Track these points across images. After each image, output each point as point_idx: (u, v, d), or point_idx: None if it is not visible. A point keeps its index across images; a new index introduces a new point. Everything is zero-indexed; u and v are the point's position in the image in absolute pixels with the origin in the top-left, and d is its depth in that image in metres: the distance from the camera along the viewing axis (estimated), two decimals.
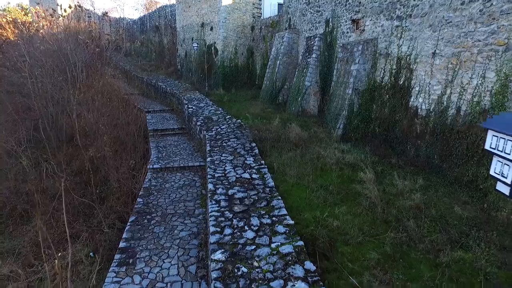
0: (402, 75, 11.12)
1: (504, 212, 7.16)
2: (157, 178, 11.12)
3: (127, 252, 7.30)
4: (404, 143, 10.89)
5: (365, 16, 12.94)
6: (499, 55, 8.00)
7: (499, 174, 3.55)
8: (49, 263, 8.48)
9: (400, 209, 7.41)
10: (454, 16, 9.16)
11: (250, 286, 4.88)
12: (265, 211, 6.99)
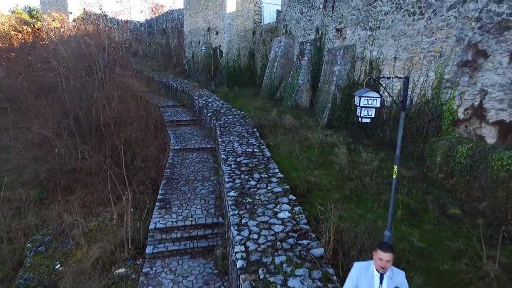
0: (373, 74, 13.94)
1: (435, 172, 9.97)
2: (178, 156, 13.95)
3: (164, 201, 10.14)
4: (374, 128, 13.71)
5: (346, 26, 15.78)
6: (437, 60, 10.84)
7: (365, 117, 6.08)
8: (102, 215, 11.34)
9: (361, 171, 10.25)
10: (408, 29, 12.00)
11: (253, 207, 7.71)
12: (263, 170, 9.84)
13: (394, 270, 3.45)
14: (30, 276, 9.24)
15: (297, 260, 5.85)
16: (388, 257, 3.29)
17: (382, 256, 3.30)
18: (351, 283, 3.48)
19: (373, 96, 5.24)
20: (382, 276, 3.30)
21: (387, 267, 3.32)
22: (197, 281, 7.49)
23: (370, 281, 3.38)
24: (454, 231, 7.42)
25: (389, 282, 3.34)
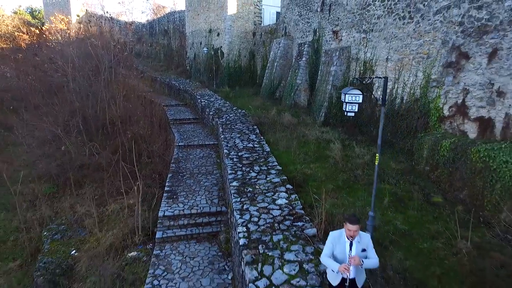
0: (366, 75, 14.74)
1: (422, 165, 10.77)
2: (182, 152, 14.75)
3: (171, 192, 10.94)
4: (368, 125, 14.51)
5: (342, 28, 16.58)
6: (424, 61, 11.63)
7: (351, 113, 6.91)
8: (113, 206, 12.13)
9: (353, 164, 11.04)
10: (399, 32, 12.80)
11: (253, 195, 8.51)
12: (263, 163, 10.64)
13: (361, 234, 4.23)
14: (48, 260, 10.05)
15: (293, 238, 6.66)
16: (355, 228, 4.07)
17: (350, 227, 4.07)
18: (328, 249, 4.27)
19: (355, 93, 6.04)
20: (352, 242, 4.08)
21: (355, 236, 4.10)
22: (203, 261, 8.29)
23: (343, 247, 4.16)
24: (435, 216, 8.22)
25: (357, 245, 4.12)
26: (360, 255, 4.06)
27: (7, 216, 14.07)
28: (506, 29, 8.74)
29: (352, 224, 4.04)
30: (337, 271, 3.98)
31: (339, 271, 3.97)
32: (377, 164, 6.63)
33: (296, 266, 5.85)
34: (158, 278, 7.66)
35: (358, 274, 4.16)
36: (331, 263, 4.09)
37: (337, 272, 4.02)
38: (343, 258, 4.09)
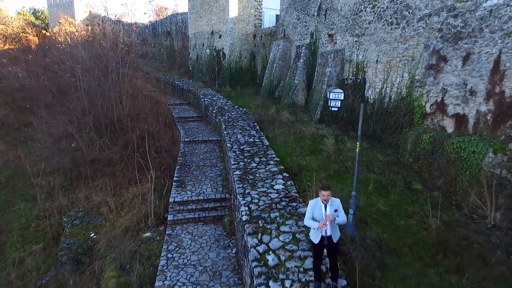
0: (359, 75, 15.90)
1: (406, 157, 11.93)
2: (188, 147, 15.92)
3: (179, 182, 12.11)
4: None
5: (337, 32, 17.75)
6: (409, 63, 12.80)
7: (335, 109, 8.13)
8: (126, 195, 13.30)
9: (344, 156, 12.21)
10: (387, 37, 13.96)
11: (254, 182, 9.68)
12: (262, 155, 11.82)
13: (333, 199, 5.38)
14: (70, 241, 11.23)
15: (287, 215, 7.83)
16: (327, 193, 5.23)
17: (323, 193, 5.24)
18: (309, 213, 5.42)
19: (338, 92, 7.25)
20: (326, 205, 5.25)
21: (328, 200, 5.26)
22: (210, 239, 9.46)
23: (319, 210, 5.31)
24: (413, 200, 9.38)
25: (330, 207, 5.27)
26: (333, 214, 5.22)
27: (27, 205, 15.25)
28: (477, 36, 9.90)
29: (325, 190, 5.22)
30: (317, 227, 5.14)
31: (318, 228, 5.13)
32: (358, 151, 7.82)
33: (290, 235, 7.03)
34: (171, 252, 8.84)
35: (333, 231, 5.32)
36: (312, 223, 5.26)
37: (317, 228, 5.18)
38: (321, 219, 5.25)
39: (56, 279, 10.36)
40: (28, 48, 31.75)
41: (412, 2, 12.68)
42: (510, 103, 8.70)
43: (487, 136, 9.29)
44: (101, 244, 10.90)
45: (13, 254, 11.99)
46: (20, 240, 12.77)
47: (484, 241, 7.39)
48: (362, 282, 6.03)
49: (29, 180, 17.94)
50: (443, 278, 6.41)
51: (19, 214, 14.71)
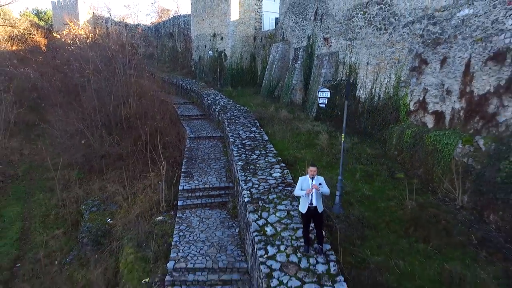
0: (351, 76, 17.19)
1: (392, 150, 13.20)
2: (193, 143, 17.20)
3: (187, 172, 13.40)
4: (353, 119, 16.92)
5: (331, 36, 19.03)
6: (396, 65, 14.08)
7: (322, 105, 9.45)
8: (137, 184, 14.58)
9: (337, 150, 13.46)
10: (376, 41, 15.25)
11: (255, 171, 10.97)
12: (262, 149, 13.11)
13: (318, 177, 6.67)
14: (90, 225, 12.52)
15: (283, 197, 9.13)
16: (314, 169, 6.53)
17: (311, 169, 6.53)
18: (298, 186, 6.69)
19: (325, 91, 8.52)
20: (312, 179, 6.55)
21: (314, 175, 6.55)
22: (216, 221, 10.75)
23: (307, 183, 6.59)
24: (394, 186, 10.67)
25: (316, 181, 6.55)
26: (320, 186, 6.53)
27: (46, 196, 16.54)
28: (452, 42, 11.19)
29: (312, 166, 6.52)
30: (305, 194, 6.44)
31: (306, 194, 6.43)
32: (343, 141, 9.12)
33: (285, 212, 8.32)
34: (183, 231, 10.12)
35: (318, 202, 6.60)
36: (301, 192, 6.56)
37: (305, 195, 6.48)
38: (309, 188, 6.54)
39: (79, 257, 11.64)
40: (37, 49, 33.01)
41: (398, 10, 13.97)
42: (477, 101, 9.97)
43: (460, 130, 10.57)
44: (118, 228, 12.18)
45: (38, 238, 13.28)
46: (42, 226, 14.05)
47: (450, 218, 8.68)
48: (344, 248, 7.32)
49: (45, 173, 19.31)
50: (412, 246, 7.69)
51: (39, 203, 16.00)
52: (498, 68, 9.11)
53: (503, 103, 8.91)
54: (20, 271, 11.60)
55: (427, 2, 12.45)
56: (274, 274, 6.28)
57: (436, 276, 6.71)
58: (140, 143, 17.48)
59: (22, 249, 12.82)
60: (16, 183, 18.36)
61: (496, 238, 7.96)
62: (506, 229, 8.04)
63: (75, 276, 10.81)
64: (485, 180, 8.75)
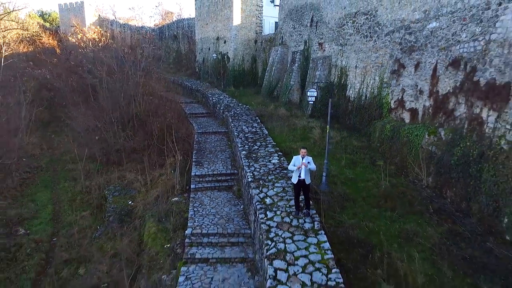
0: (342, 78, 19.22)
1: (375, 143, 15.22)
2: (201, 137, 19.21)
3: (197, 161, 15.43)
4: (343, 116, 18.96)
5: (325, 41, 21.06)
6: (380, 68, 16.11)
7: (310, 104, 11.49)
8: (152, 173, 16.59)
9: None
10: (364, 47, 17.28)
11: (256, 158, 13.01)
12: (262, 141, 15.14)
13: (307, 157, 8.70)
14: (114, 206, 14.57)
15: (280, 177, 11.16)
16: (304, 150, 8.55)
17: (302, 150, 8.56)
18: (292, 162, 8.70)
19: (313, 91, 10.55)
20: (303, 158, 8.58)
21: (304, 155, 8.57)
22: (223, 200, 12.77)
23: (299, 160, 8.61)
24: (373, 171, 12.70)
25: (305, 160, 8.59)
26: (308, 163, 8.56)
27: (70, 184, 18.58)
28: (423, 49, 13.20)
29: (303, 148, 8.56)
30: (296, 169, 8.47)
31: (297, 168, 8.45)
32: (328, 132, 11.14)
33: (281, 188, 10.36)
34: (196, 207, 12.14)
35: (306, 176, 8.61)
36: (293, 167, 8.59)
37: (296, 169, 8.50)
38: (300, 166, 8.57)
39: (106, 232, 13.65)
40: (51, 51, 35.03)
41: (381, 20, 16.00)
42: (441, 99, 11.99)
43: (428, 123, 12.59)
44: (138, 208, 14.21)
45: (67, 218, 15.28)
46: (70, 209, 16.04)
47: (416, 194, 10.73)
48: (326, 214, 9.35)
49: (66, 165, 21.35)
50: (381, 214, 9.73)
51: (65, 190, 18.02)
52: (455, 72, 11.15)
53: (458, 101, 10.94)
54: (56, 244, 13.64)
55: (404, 14, 14.48)
56: (271, 230, 8.30)
57: (396, 233, 8.74)
58: (154, 138, 19.46)
59: (56, 227, 14.84)
60: (42, 174, 20.39)
61: (449, 208, 10.01)
62: (457, 201, 10.09)
63: (104, 247, 12.82)
64: (443, 164, 10.79)
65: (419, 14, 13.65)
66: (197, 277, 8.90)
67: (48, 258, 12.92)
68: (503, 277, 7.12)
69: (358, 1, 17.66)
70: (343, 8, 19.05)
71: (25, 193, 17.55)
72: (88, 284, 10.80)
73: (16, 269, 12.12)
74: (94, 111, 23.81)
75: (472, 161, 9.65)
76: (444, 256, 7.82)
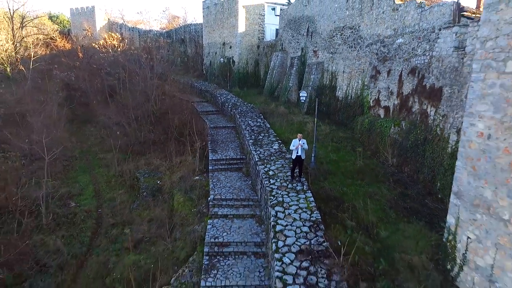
0: (333, 81, 22.75)
1: (357, 134, 18.74)
2: (213, 131, 22.73)
3: (212, 149, 18.98)
4: (333, 113, 22.50)
5: (319, 49, 24.59)
6: (362, 73, 19.64)
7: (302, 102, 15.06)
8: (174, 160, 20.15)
9: (319, 133, 19.05)
10: (349, 55, 20.81)
11: (261, 145, 16.58)
12: (266, 133, 18.71)
13: (302, 139, 12.20)
14: (146, 185, 18.11)
15: (280, 158, 14.71)
16: (300, 135, 12.06)
17: (298, 134, 12.11)
18: (291, 144, 12.25)
19: (303, 92, 14.11)
20: (299, 140, 12.10)
21: (300, 138, 12.08)
22: (235, 177, 16.29)
23: (296, 142, 12.11)
24: (353, 155, 16.21)
25: (301, 142, 12.12)
26: (302, 144, 12.08)
27: (104, 170, 22.13)
28: (393, 59, 16.72)
29: (300, 133, 12.12)
30: (294, 148, 11.99)
31: (295, 148, 11.97)
32: (315, 123, 14.68)
33: (281, 165, 13.92)
34: (215, 182, 15.66)
35: (302, 153, 12.10)
36: (292, 147, 12.12)
37: (294, 148, 12.02)
38: (297, 146, 12.09)
39: (141, 204, 17.19)
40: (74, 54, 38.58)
41: (363, 34, 19.53)
42: (404, 99, 15.51)
43: (396, 118, 16.11)
44: (166, 186, 17.75)
45: (107, 195, 18.83)
46: (108, 188, 19.60)
47: (382, 170, 14.26)
48: (313, 182, 12.88)
49: (97, 155, 24.91)
50: (353, 182, 13.26)
51: (100, 174, 21.57)
52: (413, 78, 14.68)
53: (414, 100, 14.47)
54: (102, 213, 17.19)
55: (380, 30, 18.01)
56: (273, 190, 11.85)
57: (361, 194, 12.27)
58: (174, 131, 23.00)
59: (99, 201, 18.38)
60: (77, 162, 23.94)
61: (405, 179, 13.55)
62: (411, 174, 13.63)
63: (142, 215, 16.35)
64: (402, 147, 14.33)
65: (390, 31, 17.20)
66: (220, 226, 12.44)
67: (98, 223, 16.49)
68: (428, 218, 10.65)
69: (345, 17, 21.20)
70: (333, 22, 22.60)
71: (69, 176, 21.11)
72: (135, 238, 14.34)
73: (76, 230, 15.69)
74: (117, 109, 27.35)
75: (420, 144, 13.20)
76: (392, 207, 11.37)
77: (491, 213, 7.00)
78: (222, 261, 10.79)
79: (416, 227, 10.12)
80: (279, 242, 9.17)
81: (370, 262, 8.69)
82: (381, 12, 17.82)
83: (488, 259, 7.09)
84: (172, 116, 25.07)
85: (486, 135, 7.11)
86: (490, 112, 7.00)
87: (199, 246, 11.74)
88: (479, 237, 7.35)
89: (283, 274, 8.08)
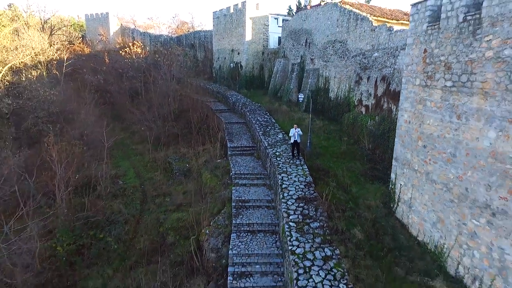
0: (326, 84, 27.62)
1: (344, 127, 23.60)
2: (228, 125, 27.59)
3: (230, 139, 23.88)
4: (327, 111, 27.36)
5: (315, 58, 29.46)
6: (349, 79, 24.50)
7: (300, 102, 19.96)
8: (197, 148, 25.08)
9: (314, 127, 23.95)
10: (339, 64, 25.69)
11: (269, 135, 21.51)
12: (272, 126, 23.63)
13: (298, 128, 17.05)
14: (178, 167, 23.03)
15: (283, 143, 19.65)
16: (296, 125, 16.96)
17: (294, 125, 17.00)
18: (290, 132, 17.12)
19: (301, 94, 19.04)
20: (295, 129, 16.96)
21: (296, 127, 16.94)
22: (249, 160, 21.16)
23: (293, 130, 17.01)
24: (339, 143, 21.09)
25: (297, 129, 16.98)
26: (298, 132, 16.93)
27: (139, 158, 27.06)
28: (371, 68, 21.58)
29: (295, 124, 17.00)
30: (292, 134, 16.86)
31: (292, 134, 16.83)
32: (309, 118, 19.59)
33: (284, 148, 18.87)
34: (234, 163, 20.53)
35: (298, 138, 16.94)
36: (291, 134, 17.00)
37: (292, 135, 16.88)
38: (294, 133, 16.95)
39: (175, 181, 22.08)
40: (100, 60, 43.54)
41: (349, 47, 24.39)
42: (379, 99, 20.36)
43: (372, 114, 20.97)
44: (194, 167, 22.65)
45: (146, 176, 23.74)
46: (145, 171, 24.50)
47: (360, 153, 19.13)
48: (308, 159, 17.76)
49: (130, 146, 29.83)
50: (338, 161, 18.13)
51: (137, 160, 26.48)
52: (383, 84, 19.55)
53: (384, 100, 19.34)
54: (145, 188, 22.10)
55: (362, 45, 22.88)
56: (280, 164, 16.75)
57: (343, 167, 17.14)
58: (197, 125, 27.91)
59: (140, 180, 23.30)
60: (114, 151, 28.85)
61: (376, 159, 18.41)
62: (380, 155, 18.50)
63: (177, 189, 21.25)
64: (375, 136, 19.21)
65: (369, 46, 22.07)
66: (241, 191, 17.31)
67: (143, 195, 21.41)
68: (386, 181, 15.53)
69: (336, 33, 26.08)
70: (327, 36, 27.48)
71: (112, 162, 26.01)
72: (175, 203, 19.24)
73: (128, 199, 20.60)
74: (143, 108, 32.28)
75: (387, 132, 18.08)
76: (363, 175, 16.26)
77: (410, 167, 11.90)
78: (245, 211, 15.70)
79: (376, 186, 15.03)
80: (285, 193, 14.08)
81: (343, 204, 13.59)
82: (363, 31, 22.67)
83: (408, 195, 11.99)
84: (191, 114, 29.99)
85: (408, 121, 12.00)
86: (409, 107, 11.89)
87: (227, 203, 16.62)
88: (405, 183, 12.25)
89: (287, 210, 12.98)
